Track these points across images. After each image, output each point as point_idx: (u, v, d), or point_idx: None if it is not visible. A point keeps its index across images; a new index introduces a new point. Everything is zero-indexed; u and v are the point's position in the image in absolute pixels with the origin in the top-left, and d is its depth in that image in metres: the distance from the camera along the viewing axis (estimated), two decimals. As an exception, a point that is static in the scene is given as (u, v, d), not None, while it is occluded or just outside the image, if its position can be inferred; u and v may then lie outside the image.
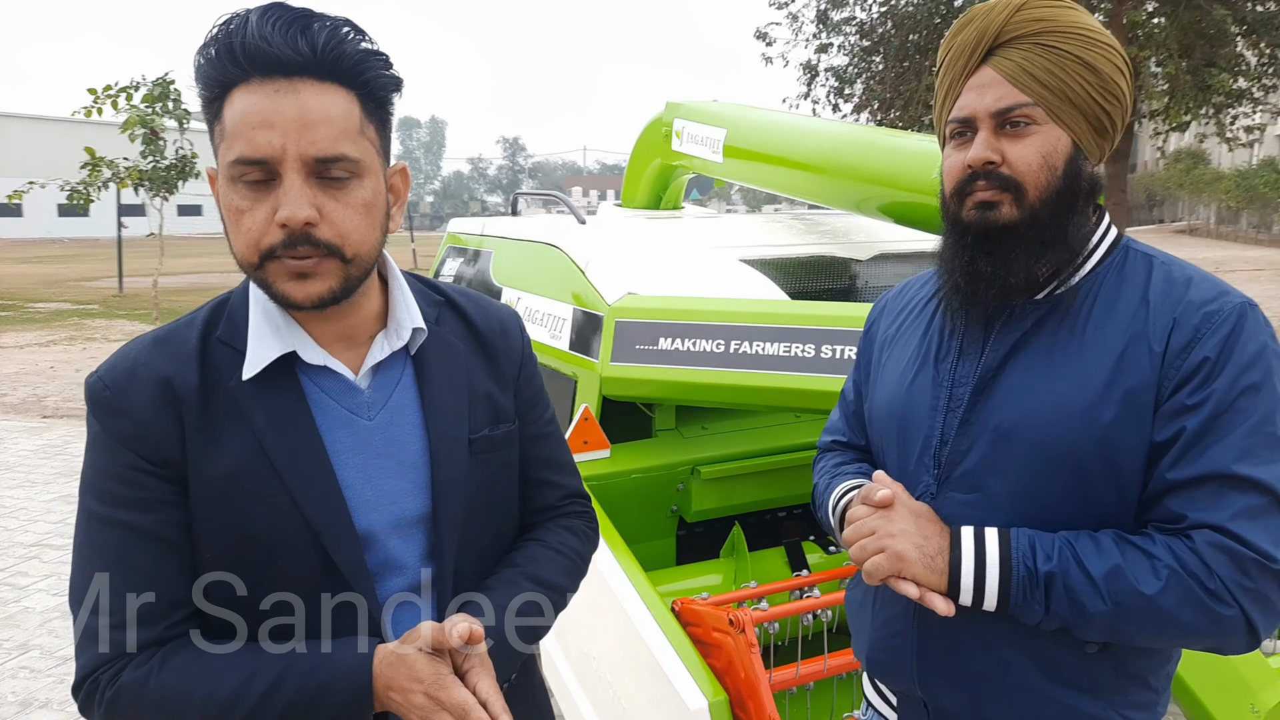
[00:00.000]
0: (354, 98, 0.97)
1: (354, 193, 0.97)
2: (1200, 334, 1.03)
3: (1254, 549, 0.97)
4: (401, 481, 1.06)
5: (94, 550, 0.99)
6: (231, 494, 0.98)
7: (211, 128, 0.98)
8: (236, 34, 0.92)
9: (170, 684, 0.96)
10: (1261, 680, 1.99)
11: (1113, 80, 1.09)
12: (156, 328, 1.08)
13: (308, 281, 0.96)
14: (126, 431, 0.98)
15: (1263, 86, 12.15)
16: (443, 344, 1.12)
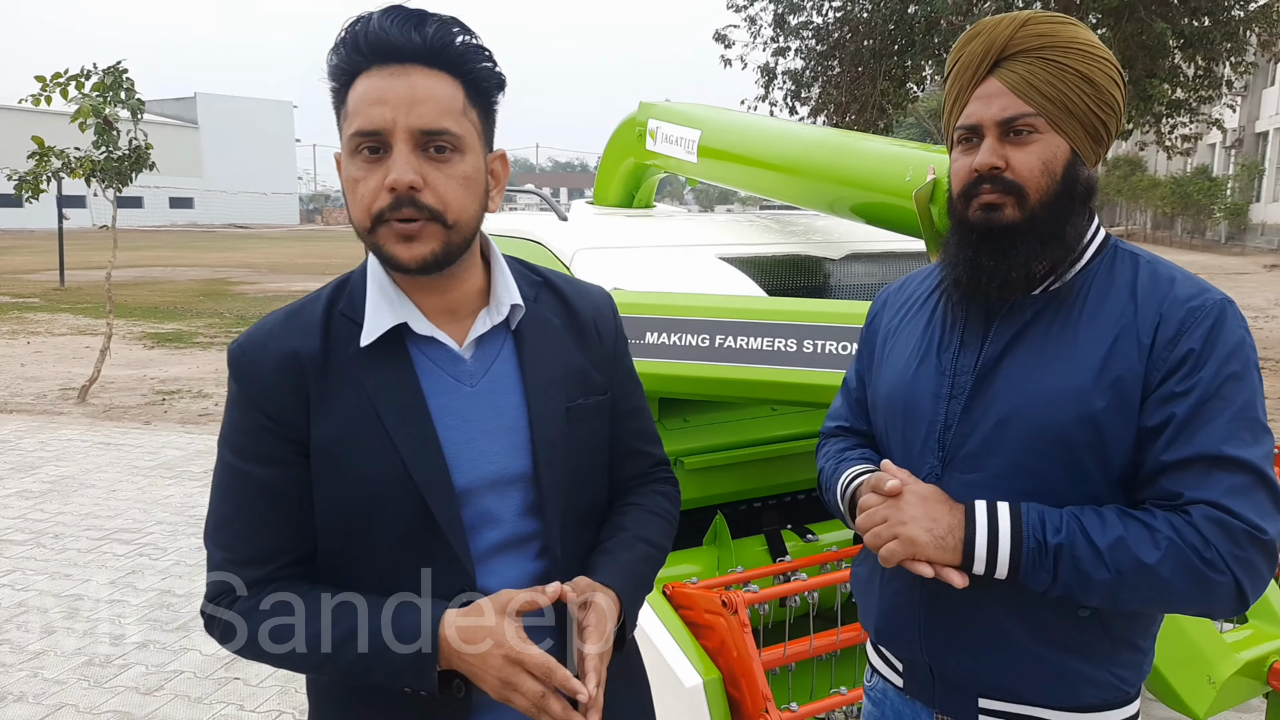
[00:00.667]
0: (458, 84, 1.09)
1: (455, 165, 1.08)
2: (1185, 327, 1.13)
3: (1246, 522, 1.07)
4: (500, 443, 1.15)
5: (223, 495, 1.14)
6: (345, 450, 1.10)
7: (338, 113, 1.10)
8: (360, 29, 1.06)
9: (270, 619, 1.09)
10: (1218, 654, 2.12)
11: (1108, 92, 1.19)
12: (289, 303, 1.21)
13: (413, 244, 1.06)
14: (257, 394, 1.12)
15: (1199, 98, 12.61)
16: (540, 320, 1.22)
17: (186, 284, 20.75)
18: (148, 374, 9.80)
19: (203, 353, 11.30)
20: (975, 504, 1.18)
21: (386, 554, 1.13)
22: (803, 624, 2.32)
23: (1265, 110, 30.54)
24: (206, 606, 1.14)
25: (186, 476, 6.01)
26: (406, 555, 1.12)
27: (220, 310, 15.87)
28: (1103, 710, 1.23)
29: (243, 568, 1.12)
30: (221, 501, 1.14)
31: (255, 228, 62.66)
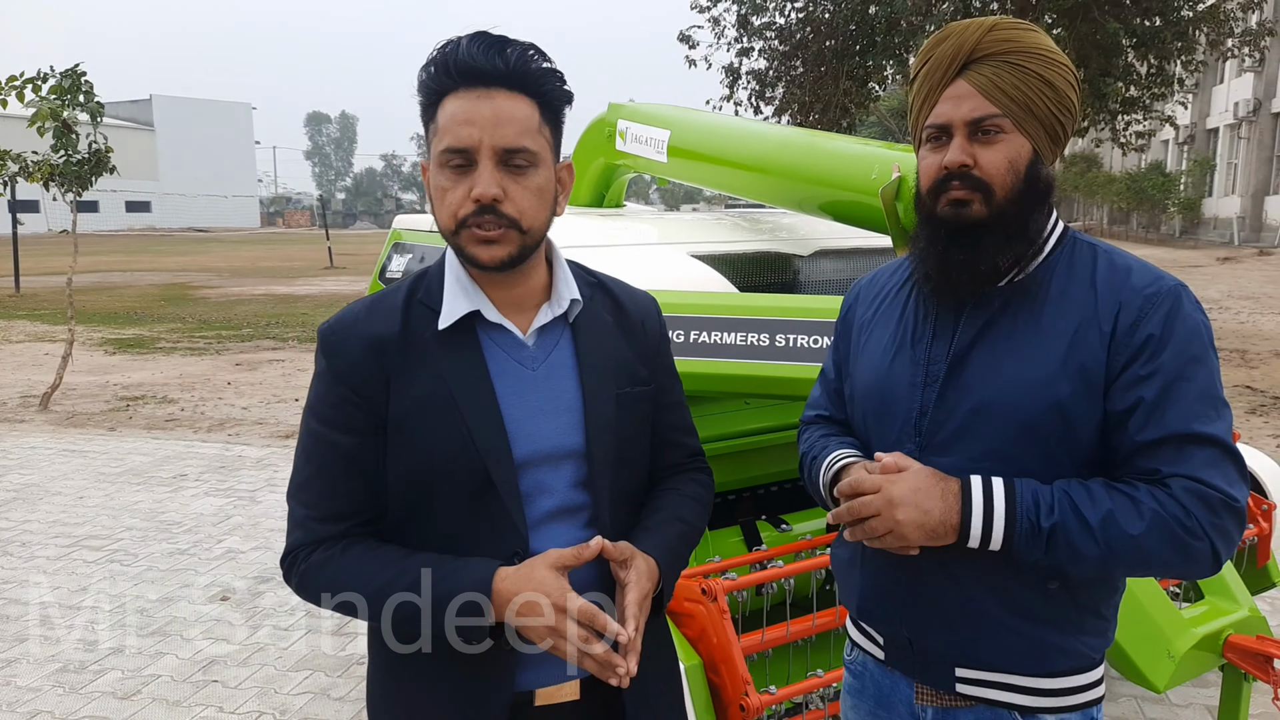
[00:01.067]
0: (535, 105, 1.21)
1: (531, 179, 1.21)
2: (1144, 314, 1.20)
3: (1221, 491, 1.15)
4: (556, 421, 1.29)
5: (306, 458, 1.28)
6: (419, 421, 1.24)
7: (427, 127, 1.24)
8: (450, 54, 1.19)
9: (343, 568, 1.23)
10: (1176, 629, 2.22)
11: (1067, 95, 1.26)
12: (371, 294, 1.35)
13: (492, 246, 1.21)
14: (343, 369, 1.25)
15: (1151, 95, 12.92)
16: (594, 316, 1.36)
17: (146, 289, 20.43)
18: (110, 380, 9.67)
19: (165, 358, 11.15)
20: (971, 483, 1.22)
21: (451, 516, 1.25)
22: (779, 611, 2.39)
23: (1215, 107, 31.28)
24: (287, 557, 1.28)
25: (155, 482, 5.96)
26: (468, 518, 1.25)
27: (182, 315, 15.66)
28: (1071, 675, 1.30)
29: (321, 523, 1.26)
30: (305, 464, 1.28)
31: (215, 231, 61.74)
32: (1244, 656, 2.29)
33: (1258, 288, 16.92)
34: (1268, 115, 27.54)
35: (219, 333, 13.41)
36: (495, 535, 1.24)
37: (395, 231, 4.38)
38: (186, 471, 6.21)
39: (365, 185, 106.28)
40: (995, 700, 1.31)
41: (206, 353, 11.58)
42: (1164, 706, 3.19)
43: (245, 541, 4.87)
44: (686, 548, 1.38)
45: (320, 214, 43.97)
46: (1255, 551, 3.22)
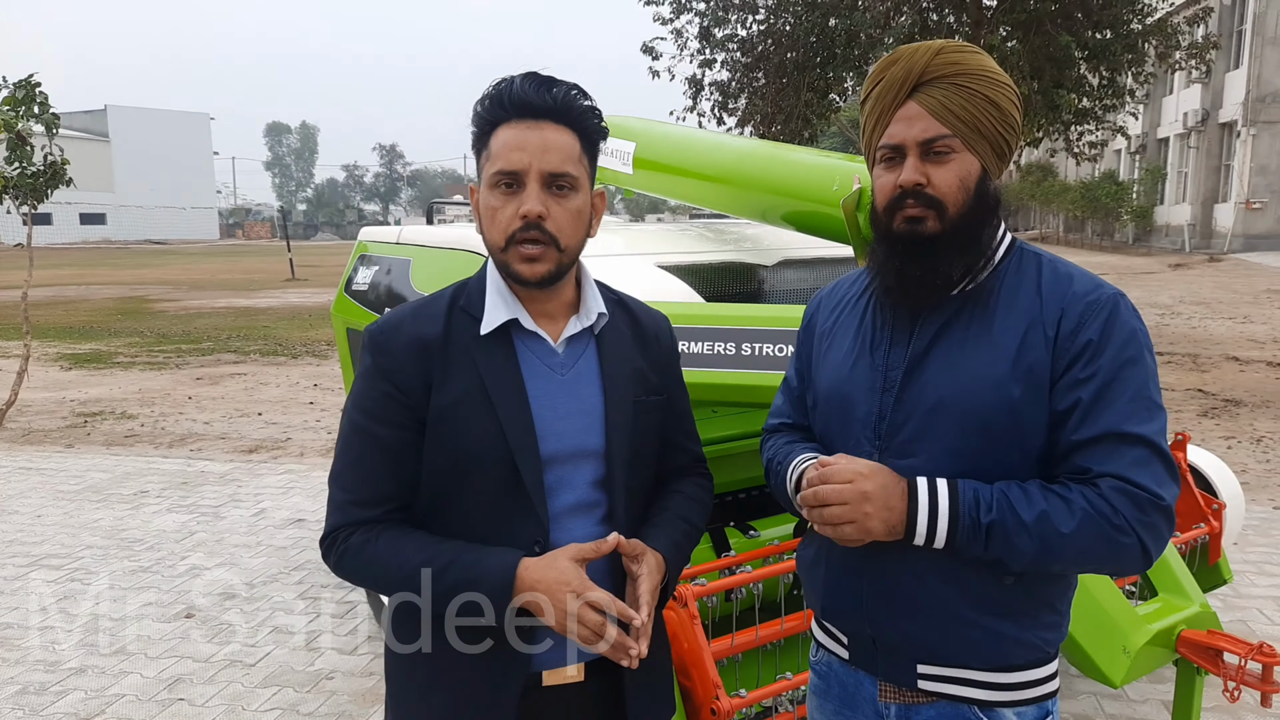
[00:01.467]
0: (576, 137, 1.37)
1: (571, 201, 1.37)
2: (1084, 320, 1.27)
3: (1147, 490, 1.21)
4: (580, 423, 1.41)
5: (346, 446, 1.40)
6: (457, 416, 1.36)
7: (479, 154, 1.39)
8: (505, 90, 1.35)
9: (378, 551, 1.34)
10: (1131, 625, 2.29)
11: (1010, 114, 1.33)
12: (415, 300, 1.48)
13: (534, 264, 1.35)
14: (388, 366, 1.38)
15: (1104, 106, 13.23)
16: (616, 330, 1.50)
17: (102, 302, 20.08)
18: (67, 396, 9.49)
19: (124, 373, 10.97)
20: (917, 483, 1.29)
21: (479, 504, 1.37)
22: (748, 616, 2.42)
23: (1165, 117, 32.05)
24: (326, 538, 1.38)
25: (115, 499, 5.86)
26: (495, 507, 1.37)
27: (140, 329, 15.42)
28: (1027, 669, 1.35)
29: (359, 508, 1.37)
30: (345, 452, 1.40)
31: (173, 243, 60.82)
32: (1196, 651, 2.36)
33: (1209, 293, 17.35)
34: (1215, 125, 28.29)
35: (179, 347, 13.22)
36: (519, 524, 1.36)
37: (361, 244, 4.37)
38: (148, 488, 6.12)
39: (327, 196, 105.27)
40: (956, 695, 1.36)
41: (166, 367, 11.41)
42: (1122, 702, 3.27)
43: (209, 558, 4.81)
44: (690, 545, 1.51)
45: (281, 225, 43.53)
46: (1207, 550, 3.32)
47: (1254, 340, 11.87)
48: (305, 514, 5.51)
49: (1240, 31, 27.04)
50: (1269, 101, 25.88)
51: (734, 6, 13.83)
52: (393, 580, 1.34)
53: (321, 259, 36.62)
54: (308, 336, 14.15)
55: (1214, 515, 3.31)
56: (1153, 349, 1.31)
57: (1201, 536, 3.27)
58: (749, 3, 13.81)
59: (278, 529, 5.25)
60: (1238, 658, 2.27)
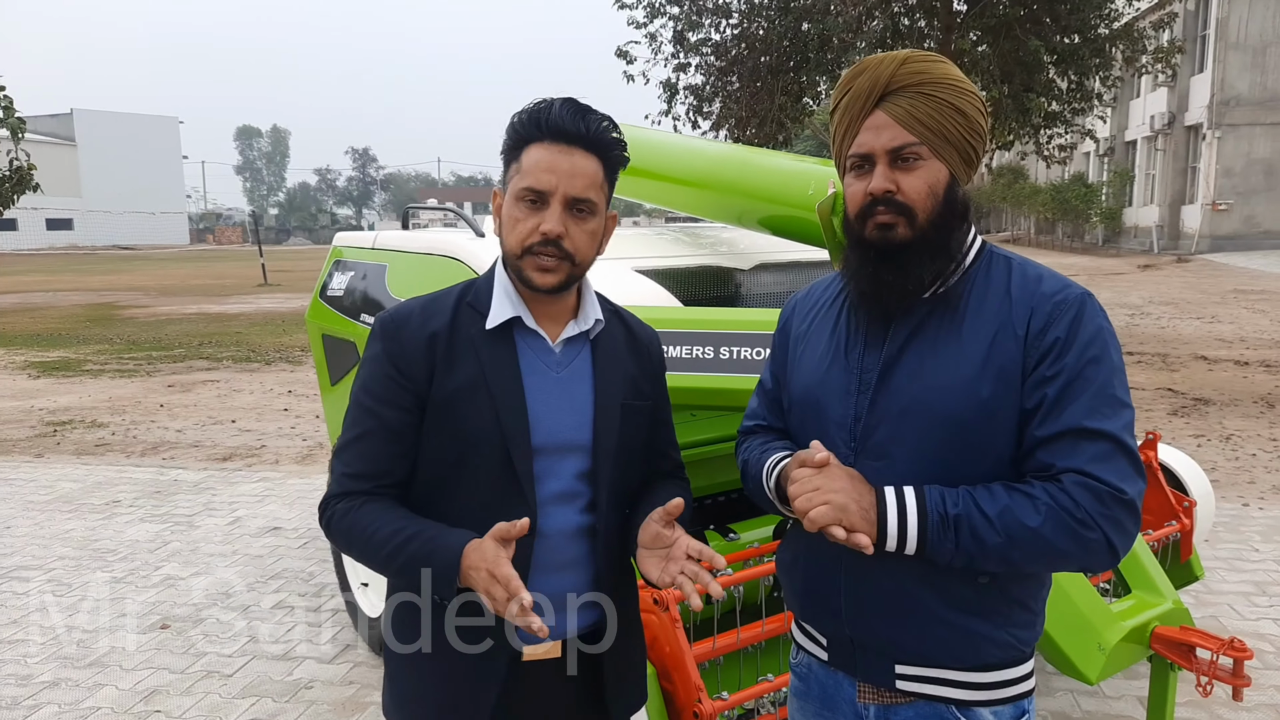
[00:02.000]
0: (601, 165, 1.47)
1: (589, 223, 1.47)
2: (1052, 318, 1.30)
3: (1109, 485, 1.23)
4: (570, 419, 1.51)
5: (351, 424, 1.50)
6: (458, 403, 1.46)
7: (509, 164, 1.48)
8: (544, 112, 1.44)
9: (357, 519, 1.44)
10: (1105, 623, 2.32)
11: (976, 121, 1.35)
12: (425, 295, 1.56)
13: (547, 274, 1.45)
14: (396, 353, 1.47)
15: (1072, 109, 13.42)
16: (610, 336, 1.59)
17: (70, 309, 19.77)
18: (35, 405, 9.35)
19: (93, 381, 10.82)
20: (885, 488, 1.31)
21: (473, 487, 1.47)
22: (730, 618, 2.43)
23: (1133, 121, 32.51)
24: (322, 504, 1.50)
25: (87, 509, 5.78)
26: (488, 490, 1.46)
27: (109, 335, 15.21)
28: (1003, 668, 1.38)
29: (351, 480, 1.47)
30: (349, 429, 1.50)
31: (142, 249, 60.04)
32: (1169, 647, 2.40)
33: (1177, 293, 17.63)
34: (1181, 128, 28.73)
35: (149, 353, 13.06)
36: (509, 508, 1.43)
37: (336, 249, 4.34)
38: (120, 497, 6.04)
39: (299, 200, 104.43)
40: (933, 695, 1.38)
41: (137, 374, 11.26)
42: (1098, 699, 3.32)
43: (184, 568, 4.75)
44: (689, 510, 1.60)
45: (253, 230, 43.07)
46: (1178, 547, 3.37)
47: (1222, 340, 12.08)
48: (281, 522, 5.47)
49: (1204, 36, 27.50)
50: (1233, 105, 26.34)
51: (708, 11, 13.89)
52: (363, 547, 1.43)
53: (294, 264, 36.30)
54: (281, 342, 14.02)
55: (1185, 513, 3.37)
56: (1119, 347, 1.34)
57: (1173, 534, 3.33)
58: (723, 7, 13.88)
59: (253, 537, 5.20)
60: (1210, 653, 2.31)
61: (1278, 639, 3.77)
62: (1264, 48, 26.13)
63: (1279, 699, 3.30)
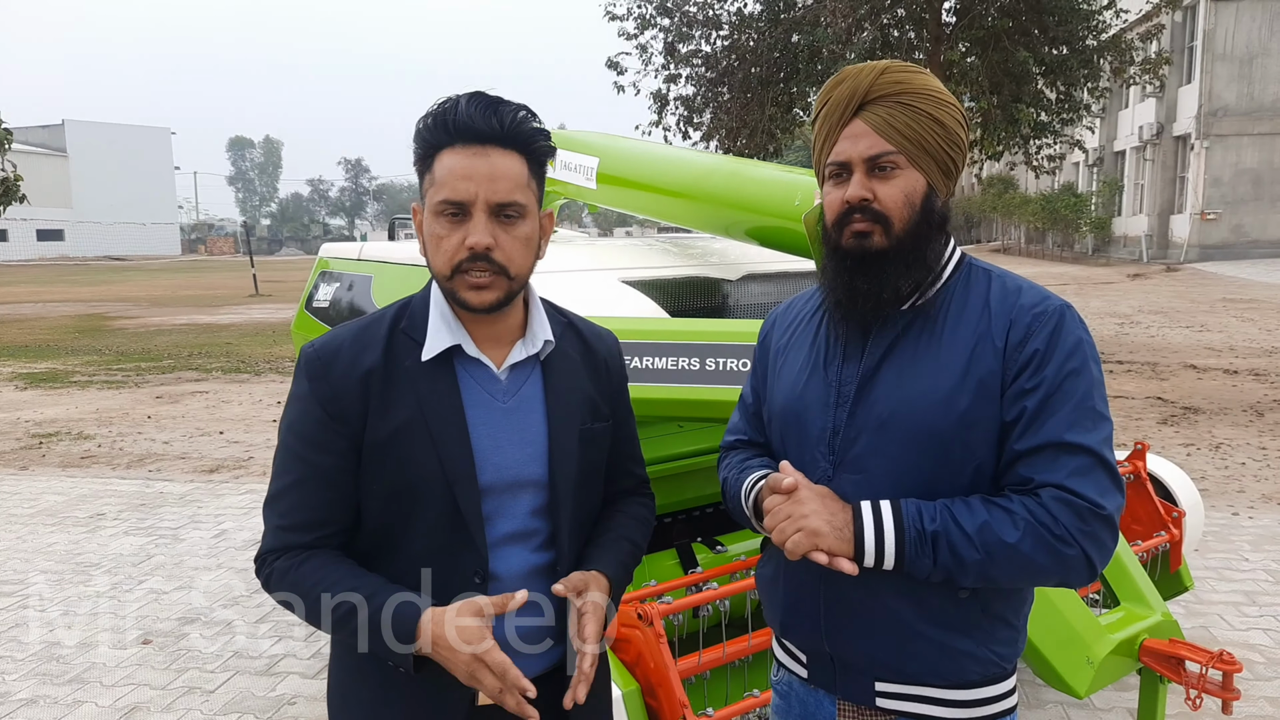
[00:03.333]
0: (524, 161, 1.32)
1: (520, 229, 1.32)
2: (1031, 330, 1.28)
3: (1087, 500, 1.21)
4: (521, 453, 1.38)
5: (282, 470, 1.36)
6: (396, 445, 1.33)
7: (422, 176, 1.34)
8: (450, 112, 1.29)
9: (300, 578, 1.31)
10: (1094, 635, 2.30)
11: (955, 132, 1.34)
12: (356, 319, 1.43)
13: (483, 292, 1.31)
14: (325, 393, 1.33)
15: (1061, 120, 13.48)
16: (564, 355, 1.46)
17: (59, 320, 19.68)
18: (21, 416, 9.27)
19: (81, 392, 10.74)
20: (861, 504, 1.30)
21: (420, 534, 1.34)
22: (715, 632, 2.41)
23: (1121, 131, 32.69)
24: (258, 560, 1.37)
25: (70, 522, 5.72)
26: (435, 536, 1.34)
27: (99, 347, 15.12)
28: (984, 685, 1.35)
29: (289, 532, 1.34)
30: (280, 476, 1.36)
31: (133, 259, 59.85)
32: (1158, 660, 2.39)
33: (1166, 302, 17.69)
34: (1170, 138, 28.90)
35: (138, 364, 12.98)
36: (459, 554, 1.34)
37: (322, 260, 4.32)
38: (104, 510, 5.98)
39: (291, 211, 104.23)
40: (914, 713, 1.36)
41: (125, 385, 11.19)
42: (1088, 711, 3.30)
43: (168, 582, 4.70)
44: (633, 565, 1.51)
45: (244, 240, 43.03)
46: (1168, 557, 3.36)
47: (1211, 348, 12.11)
48: (267, 535, 5.41)
49: (1191, 48, 27.70)
50: (1221, 115, 26.53)
51: (698, 23, 13.94)
52: (308, 610, 1.31)
53: (286, 274, 36.21)
54: (272, 353, 13.96)
55: (1174, 523, 3.35)
56: (1099, 359, 1.32)
57: (1162, 544, 3.31)
58: (713, 19, 13.92)
59: (239, 550, 5.15)
60: (1199, 666, 2.29)
61: (1268, 649, 3.75)
62: (1250, 59, 26.35)
63: (1269, 710, 3.28)
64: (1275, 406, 8.53)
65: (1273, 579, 4.51)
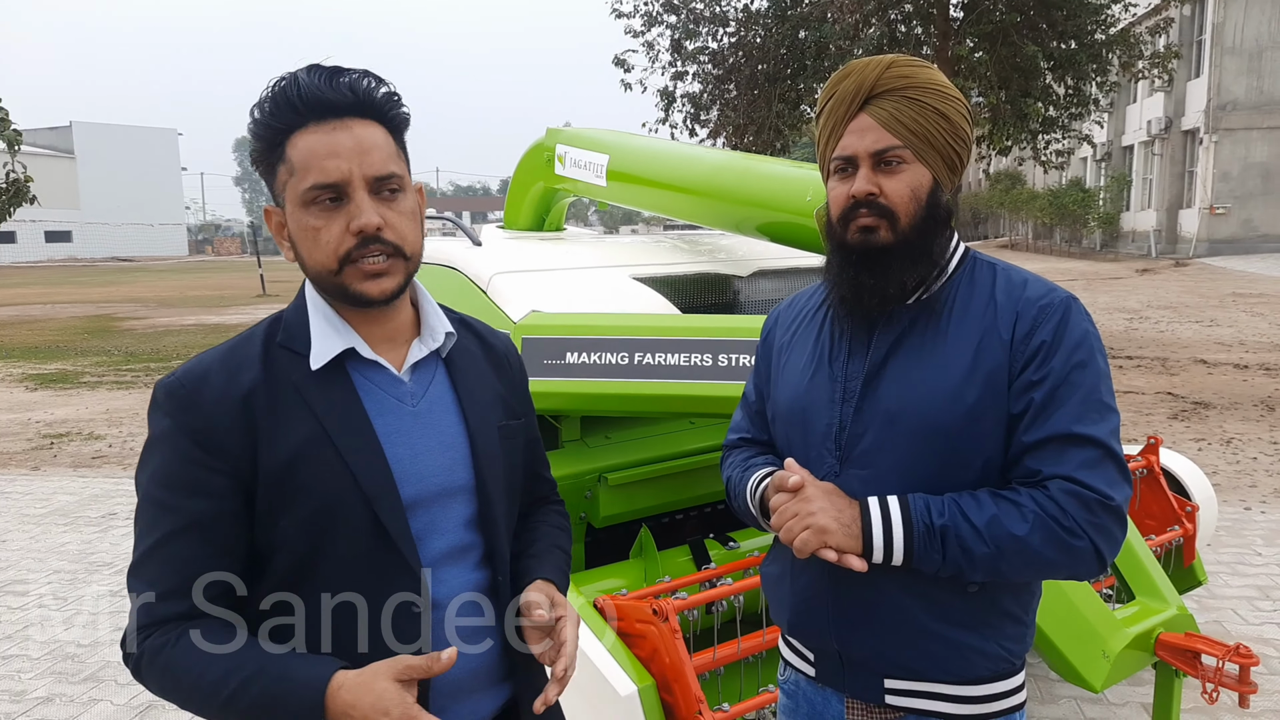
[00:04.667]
0: (386, 130, 1.19)
1: (403, 203, 1.19)
2: (1038, 323, 1.28)
3: (1096, 491, 1.21)
4: (443, 458, 1.25)
5: (145, 532, 1.15)
6: (299, 470, 1.15)
7: (274, 169, 1.17)
8: (290, 88, 1.14)
9: (175, 659, 1.10)
10: (1110, 629, 2.29)
11: (960, 126, 1.34)
12: (220, 344, 1.24)
13: (381, 279, 1.17)
14: (196, 425, 1.13)
15: (1069, 115, 13.44)
16: (465, 351, 1.34)
17: (68, 321, 19.76)
18: (32, 417, 9.32)
19: (90, 393, 10.79)
20: (868, 500, 1.29)
21: (343, 564, 1.17)
22: (730, 628, 2.41)
23: (1130, 125, 32.55)
24: (122, 642, 1.15)
25: (83, 522, 5.75)
26: (361, 564, 1.18)
27: (108, 347, 15.18)
28: (993, 681, 1.35)
29: (161, 603, 1.12)
30: (143, 537, 1.15)
31: (140, 260, 60.07)
32: (1174, 654, 2.38)
33: (1175, 297, 17.62)
34: (1178, 133, 28.76)
35: (147, 365, 13.03)
36: (391, 579, 1.19)
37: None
38: (117, 510, 6.01)
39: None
40: (924, 710, 1.35)
41: (134, 386, 11.24)
42: (1102, 706, 3.29)
43: (181, 580, 4.72)
44: (568, 575, 1.42)
45: (252, 240, 43.13)
46: (1181, 552, 3.35)
47: (1221, 343, 12.06)
48: (279, 533, 5.43)
49: (1200, 41, 27.56)
50: (1229, 109, 26.39)
51: (705, 20, 13.93)
52: (188, 695, 1.10)
53: (293, 274, 36.25)
54: (280, 353, 13.99)
55: (1187, 518, 3.34)
56: (1105, 352, 1.32)
57: (1176, 539, 3.30)
58: (720, 16, 13.91)
59: (251, 549, 5.16)
60: (1215, 659, 2.28)
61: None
62: (1259, 52, 26.20)
63: (1285, 705, 3.27)
64: (1287, 401, 8.49)
65: (1286, 574, 4.49)
